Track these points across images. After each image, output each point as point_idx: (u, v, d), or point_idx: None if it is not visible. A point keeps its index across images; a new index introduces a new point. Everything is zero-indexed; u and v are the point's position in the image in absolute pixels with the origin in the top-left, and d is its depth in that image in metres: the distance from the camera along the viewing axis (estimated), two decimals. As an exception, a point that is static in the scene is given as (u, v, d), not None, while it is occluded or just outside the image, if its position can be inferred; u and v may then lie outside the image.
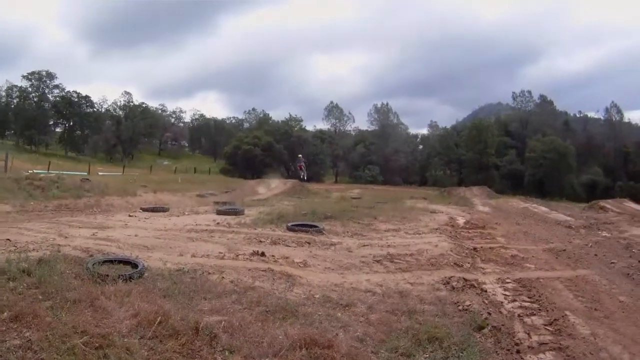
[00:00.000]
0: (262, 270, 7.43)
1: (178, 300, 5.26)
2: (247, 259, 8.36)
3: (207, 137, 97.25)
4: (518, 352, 4.81)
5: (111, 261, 6.96)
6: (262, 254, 8.60)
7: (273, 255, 8.67)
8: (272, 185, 36.04)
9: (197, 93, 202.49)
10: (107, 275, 5.92)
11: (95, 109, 79.27)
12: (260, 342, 4.32)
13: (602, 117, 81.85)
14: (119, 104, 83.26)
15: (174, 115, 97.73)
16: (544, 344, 4.98)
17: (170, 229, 11.70)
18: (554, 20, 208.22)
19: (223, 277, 6.76)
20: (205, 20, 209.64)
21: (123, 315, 4.54)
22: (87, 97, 77.04)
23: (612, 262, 9.60)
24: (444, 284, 7.35)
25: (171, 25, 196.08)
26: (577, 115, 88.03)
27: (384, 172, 73.44)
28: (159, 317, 4.39)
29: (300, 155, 41.74)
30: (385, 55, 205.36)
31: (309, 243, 10.44)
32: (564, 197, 52.55)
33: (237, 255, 8.58)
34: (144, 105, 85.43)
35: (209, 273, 6.99)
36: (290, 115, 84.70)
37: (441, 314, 5.75)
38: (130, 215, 14.83)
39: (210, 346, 4.18)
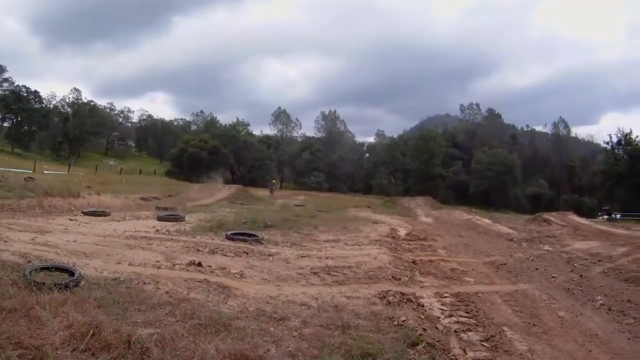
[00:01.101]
0: (198, 281, 7.37)
1: (112, 311, 5.24)
2: (183, 268, 8.30)
3: (154, 138, 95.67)
4: (452, 368, 4.94)
5: (49, 268, 6.84)
6: (199, 264, 8.60)
7: (210, 266, 8.66)
8: (216, 190, 35.99)
9: (146, 93, 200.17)
10: (44, 284, 5.82)
11: (43, 105, 76.26)
12: (191, 357, 4.31)
13: (549, 132, 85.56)
14: (67, 100, 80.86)
15: (122, 115, 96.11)
16: (479, 360, 5.06)
17: (109, 235, 11.62)
18: (506, 35, 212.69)
19: (158, 288, 6.68)
20: (159, 20, 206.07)
21: (57, 327, 4.51)
22: (36, 92, 74.26)
23: (553, 277, 9.99)
24: (380, 298, 7.32)
25: (125, 23, 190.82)
26: (525, 129, 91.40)
27: (330, 179, 74.26)
28: (92, 329, 4.40)
29: (274, 181, 56.17)
30: (335, 61, 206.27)
31: (247, 253, 10.46)
32: (508, 209, 54.50)
33: (174, 265, 8.53)
34: (92, 103, 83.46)
35: (145, 283, 6.88)
36: (237, 119, 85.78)
37: (376, 330, 5.70)
38: (71, 219, 14.61)
39: (141, 361, 4.23)
